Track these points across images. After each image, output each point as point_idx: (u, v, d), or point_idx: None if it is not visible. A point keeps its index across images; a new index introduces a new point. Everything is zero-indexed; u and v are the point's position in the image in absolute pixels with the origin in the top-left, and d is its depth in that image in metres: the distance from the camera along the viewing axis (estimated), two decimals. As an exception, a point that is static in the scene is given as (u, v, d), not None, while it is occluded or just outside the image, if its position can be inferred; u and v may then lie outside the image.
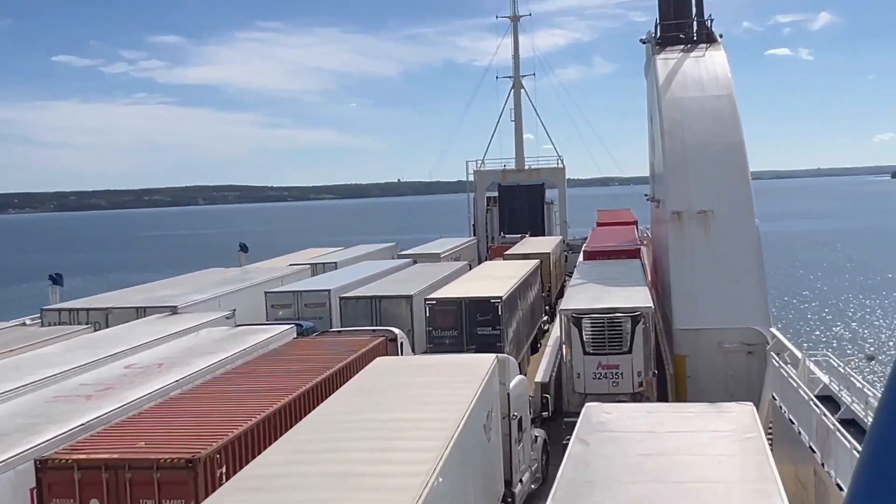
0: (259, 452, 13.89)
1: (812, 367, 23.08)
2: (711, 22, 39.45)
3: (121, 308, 31.20)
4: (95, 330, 28.39)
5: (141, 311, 30.56)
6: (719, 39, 37.81)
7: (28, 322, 32.63)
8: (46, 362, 21.70)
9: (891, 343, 56.36)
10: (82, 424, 15.67)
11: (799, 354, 24.15)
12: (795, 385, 20.32)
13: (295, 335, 26.56)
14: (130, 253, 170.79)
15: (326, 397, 17.24)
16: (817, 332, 59.38)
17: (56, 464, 13.58)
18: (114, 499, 13.38)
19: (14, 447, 14.17)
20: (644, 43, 40.73)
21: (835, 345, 50.74)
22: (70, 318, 30.80)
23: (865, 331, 60.18)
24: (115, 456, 13.64)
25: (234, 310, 31.64)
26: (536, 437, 22.41)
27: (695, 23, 39.50)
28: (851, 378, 20.05)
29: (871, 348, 51.27)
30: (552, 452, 22.32)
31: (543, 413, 25.99)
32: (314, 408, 16.43)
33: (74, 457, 13.67)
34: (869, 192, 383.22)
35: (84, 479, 13.41)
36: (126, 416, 16.38)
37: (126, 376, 19.88)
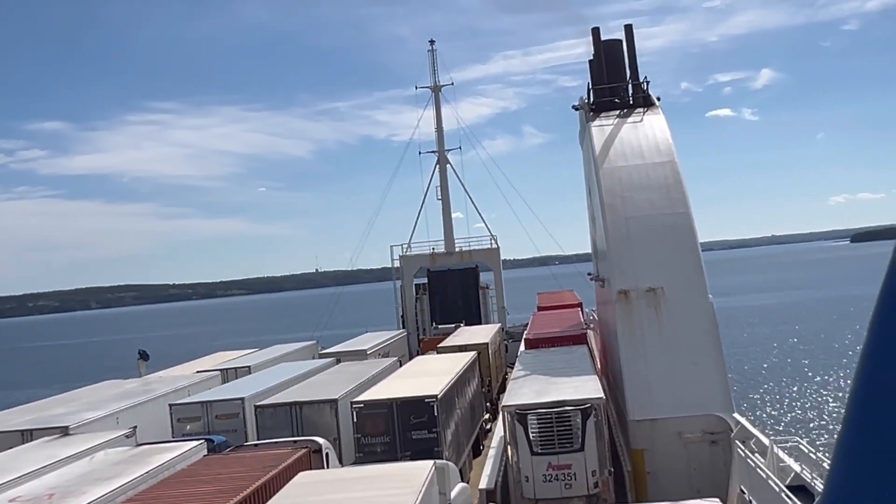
0: None
1: (781, 454, 23.33)
2: (648, 84, 40.53)
3: (3, 432, 30.28)
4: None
5: (27, 435, 29.68)
6: (657, 102, 38.82)
7: None
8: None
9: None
10: None
11: (766, 441, 24.39)
12: (765, 476, 20.49)
13: (206, 452, 26.03)
14: (12, 368, 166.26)
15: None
16: (784, 417, 60.13)
17: None
18: None
19: None
20: (577, 110, 41.60)
21: (803, 429, 51.38)
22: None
23: (836, 411, 60.94)
24: None
25: (135, 427, 30.93)
26: None
27: (630, 86, 40.49)
28: (825, 465, 20.27)
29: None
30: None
31: None
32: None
33: None
34: (828, 258, 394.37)
35: None
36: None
37: (9, 514, 19.26)
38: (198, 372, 45.27)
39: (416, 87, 71.86)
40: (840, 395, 65.58)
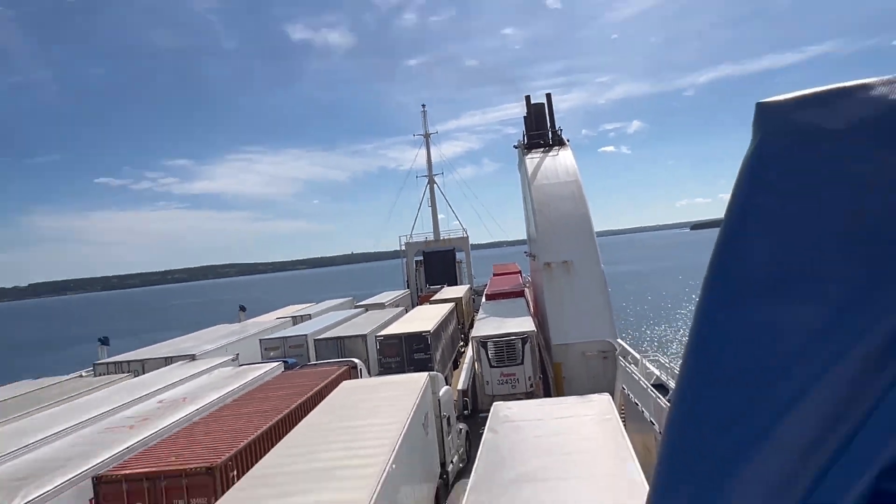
0: (260, 458, 13.63)
1: (647, 364, 23.55)
2: (560, 131, 40.80)
3: (152, 359, 30.34)
4: (134, 376, 27.48)
5: (168, 360, 29.75)
6: (567, 143, 38.98)
7: (83, 374, 31.41)
8: (98, 403, 20.99)
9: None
10: (127, 448, 15.32)
11: (638, 356, 24.62)
12: (637, 378, 20.69)
13: (283, 369, 26.05)
14: (158, 318, 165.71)
15: (307, 413, 17.00)
16: (649, 340, 60.57)
17: (108, 479, 13.29)
18: (153, 502, 13.03)
19: (75, 469, 13.80)
20: (516, 148, 41.69)
21: (662, 348, 51.73)
22: (115, 369, 29.88)
23: (683, 335, 61.64)
24: (153, 469, 13.34)
25: (238, 354, 31.04)
26: (461, 429, 22.31)
27: (549, 132, 40.72)
28: (675, 369, 20.48)
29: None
30: (473, 440, 22.22)
31: (465, 411, 25.88)
32: (299, 422, 16.19)
33: (123, 473, 13.37)
34: (676, 241, 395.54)
35: (130, 489, 13.13)
36: (160, 439, 16.01)
37: (158, 409, 19.41)
38: (277, 318, 45.24)
39: (414, 135, 71.30)
40: (685, 327, 66.37)
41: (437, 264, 66.03)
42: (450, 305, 40.44)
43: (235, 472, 13.39)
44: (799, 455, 0.92)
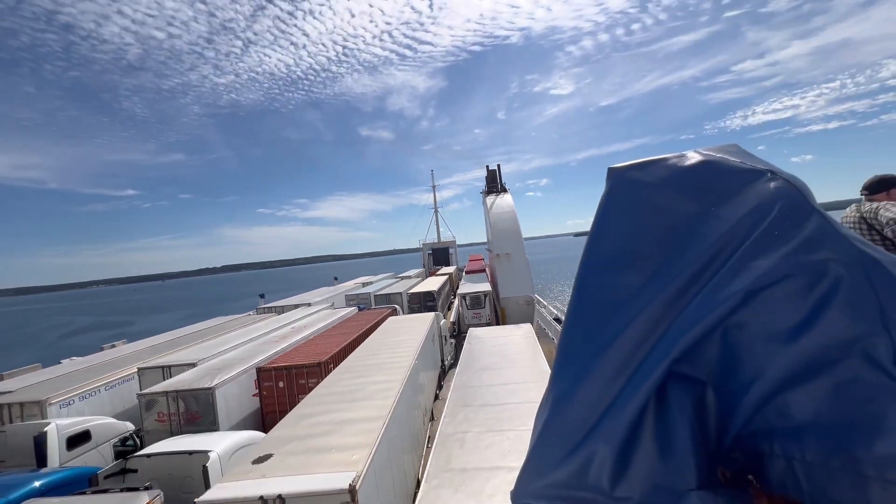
0: (345, 358, 13.24)
1: (551, 308, 23.39)
2: (505, 183, 40.54)
3: (288, 305, 29.81)
4: (278, 315, 27.06)
5: (296, 306, 29.19)
6: (508, 190, 38.72)
7: (250, 314, 30.97)
8: (259, 329, 20.65)
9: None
10: (274, 352, 14.95)
11: (545, 303, 24.46)
12: (545, 314, 20.58)
13: (357, 311, 25.73)
14: (290, 284, 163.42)
15: (370, 335, 16.76)
16: (552, 293, 60.14)
17: (265, 369, 12.97)
18: (288, 381, 12.83)
19: (247, 363, 13.48)
20: (482, 193, 41.31)
21: (558, 297, 51.33)
22: (267, 312, 29.29)
23: (569, 291, 61.08)
24: (288, 364, 13.07)
25: (333, 303, 30.61)
26: (452, 343, 22.20)
27: (499, 184, 40.46)
28: (565, 309, 20.29)
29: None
30: (458, 348, 22.17)
31: (454, 333, 25.78)
32: (365, 339, 15.85)
33: (272, 366, 13.06)
34: (563, 243, 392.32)
35: (276, 375, 12.84)
36: (292, 348, 15.71)
37: (292, 331, 19.05)
38: (354, 283, 44.51)
39: (427, 186, 71.27)
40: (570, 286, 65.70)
41: (439, 255, 65.49)
42: (446, 277, 40.20)
43: (332, 365, 13.29)
44: (625, 356, 0.90)
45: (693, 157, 1.04)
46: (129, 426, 11.68)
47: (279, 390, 12.79)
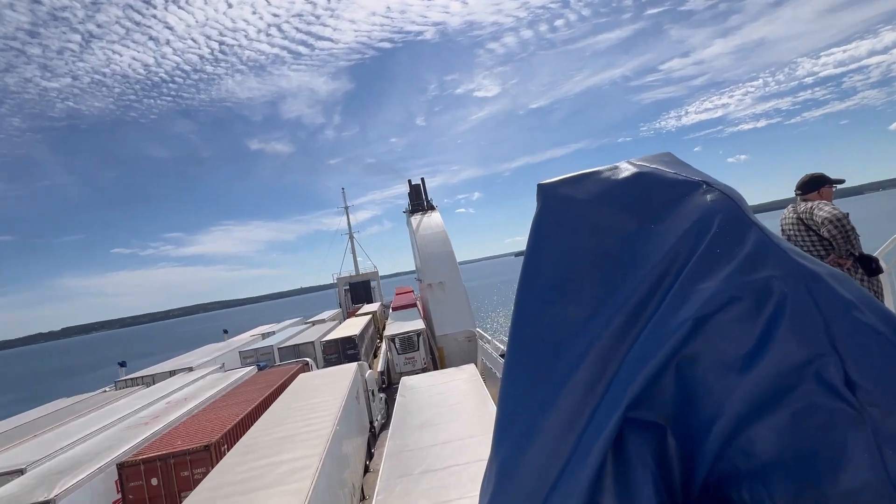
0: (243, 435, 12.59)
1: (496, 343, 23.88)
2: (432, 200, 41.39)
3: (160, 373, 27.33)
4: (146, 387, 24.64)
5: (172, 373, 26.92)
6: (436, 208, 39.54)
7: (107, 389, 27.76)
8: (119, 410, 18.62)
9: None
10: (143, 439, 13.68)
11: (489, 337, 24.94)
12: (490, 351, 20.96)
13: (256, 371, 24.28)
14: (162, 344, 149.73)
15: (275, 400, 15.93)
16: (495, 326, 61.65)
17: (129, 463, 11.73)
18: (165, 475, 11.66)
19: (103, 460, 12.14)
20: (405, 212, 41.71)
21: (503, 329, 52.66)
22: (131, 384, 26.65)
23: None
24: (164, 452, 11.94)
25: (223, 363, 28.69)
26: (381, 397, 21.72)
27: (425, 201, 41.20)
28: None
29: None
30: (389, 403, 21.68)
31: (383, 385, 25.23)
32: (269, 407, 15.11)
33: (140, 457, 11.85)
34: (503, 265, 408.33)
35: (147, 469, 11.65)
36: (169, 430, 14.41)
37: (168, 407, 17.50)
38: (251, 335, 41.65)
39: (337, 207, 71.42)
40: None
41: (358, 290, 64.47)
42: (369, 317, 39.49)
43: (226, 447, 12.30)
44: (575, 406, 0.89)
45: (627, 170, 1.07)
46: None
47: (152, 489, 11.57)
